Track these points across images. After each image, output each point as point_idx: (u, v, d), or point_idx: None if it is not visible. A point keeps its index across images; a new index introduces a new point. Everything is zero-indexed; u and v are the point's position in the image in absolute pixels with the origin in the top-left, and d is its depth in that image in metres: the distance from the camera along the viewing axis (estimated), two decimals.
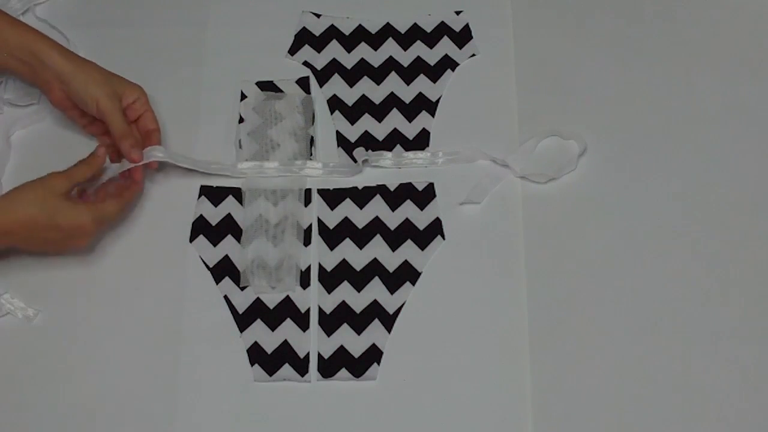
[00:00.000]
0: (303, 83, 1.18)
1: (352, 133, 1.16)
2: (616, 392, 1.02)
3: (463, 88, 1.17)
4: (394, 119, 1.16)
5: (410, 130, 1.15)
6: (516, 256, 1.08)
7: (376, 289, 1.07)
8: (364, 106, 1.17)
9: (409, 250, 1.09)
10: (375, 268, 1.08)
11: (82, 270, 1.08)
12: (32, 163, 1.14)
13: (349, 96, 1.18)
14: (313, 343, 1.06)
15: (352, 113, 1.17)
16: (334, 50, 1.20)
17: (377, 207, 1.11)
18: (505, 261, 1.08)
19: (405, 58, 1.19)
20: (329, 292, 1.08)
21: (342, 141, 1.15)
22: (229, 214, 1.11)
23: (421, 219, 1.11)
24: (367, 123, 1.16)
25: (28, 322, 1.07)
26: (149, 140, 1.11)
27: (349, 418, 1.02)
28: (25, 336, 1.06)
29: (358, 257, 1.09)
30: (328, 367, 1.04)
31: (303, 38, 1.21)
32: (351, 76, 1.19)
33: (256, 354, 1.05)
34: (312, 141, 1.15)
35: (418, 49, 1.20)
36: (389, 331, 1.05)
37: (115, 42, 1.14)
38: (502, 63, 1.18)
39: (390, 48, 1.20)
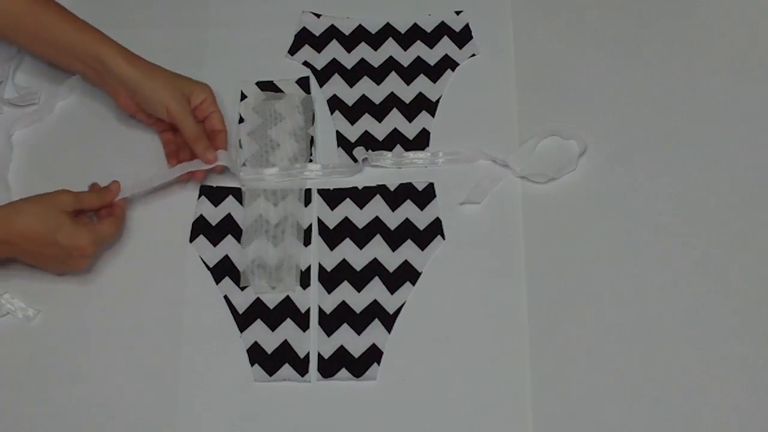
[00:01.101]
0: (303, 83, 1.18)
1: (352, 133, 1.16)
2: (616, 392, 1.02)
3: (463, 88, 1.17)
4: (394, 119, 1.16)
5: (410, 130, 1.15)
6: (516, 256, 1.08)
7: (376, 289, 1.07)
8: (364, 106, 1.17)
9: (409, 250, 1.09)
10: (375, 268, 1.08)
11: (82, 270, 1.08)
12: (35, 162, 1.14)
13: (349, 96, 1.18)
14: (313, 343, 1.06)
15: (352, 113, 1.17)
16: (334, 50, 1.20)
17: (377, 207, 1.11)
18: (505, 261, 1.08)
19: (405, 58, 1.19)
20: (329, 292, 1.08)
21: (342, 141, 1.15)
22: (229, 214, 1.11)
23: (421, 219, 1.10)
24: (367, 123, 1.16)
25: (28, 322, 1.07)
26: (214, 141, 1.11)
27: (349, 418, 1.02)
28: (25, 336, 1.06)
29: (358, 257, 1.09)
30: (328, 367, 1.04)
31: (303, 38, 1.21)
32: (351, 76, 1.19)
33: (256, 354, 1.05)
34: (312, 141, 1.15)
35: (418, 49, 1.20)
36: (389, 331, 1.05)
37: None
38: (502, 63, 1.18)
39: (390, 48, 1.20)
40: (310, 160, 1.14)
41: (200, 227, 1.11)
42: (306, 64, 1.20)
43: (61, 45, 1.10)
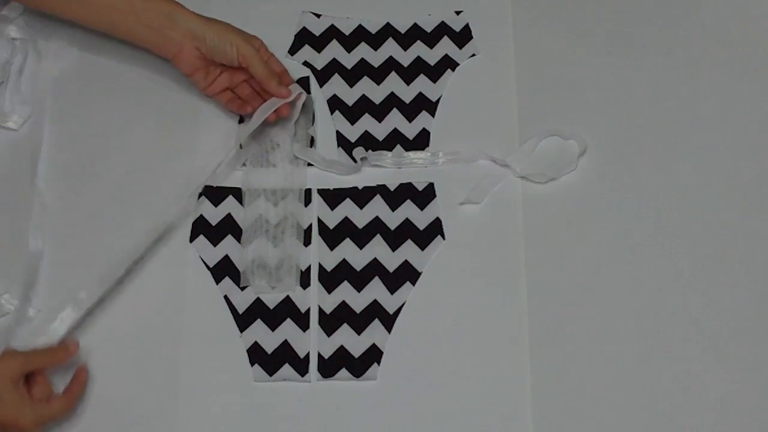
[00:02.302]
0: (303, 83, 1.18)
1: (352, 133, 1.16)
2: (616, 392, 1.02)
3: (463, 88, 1.17)
4: (394, 119, 1.16)
5: (410, 130, 1.15)
6: (516, 256, 1.08)
7: (376, 289, 1.07)
8: (364, 106, 1.17)
9: (409, 250, 1.09)
10: (375, 268, 1.08)
11: (81, 269, 1.08)
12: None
13: (349, 96, 1.18)
14: (313, 343, 1.06)
15: (352, 113, 1.17)
16: (334, 50, 1.20)
17: (377, 207, 1.11)
18: (505, 261, 1.08)
19: (405, 58, 1.19)
20: (329, 292, 1.08)
21: (342, 141, 1.15)
22: (229, 214, 1.11)
23: (421, 219, 1.11)
24: (367, 123, 1.16)
25: (28, 323, 1.06)
26: (282, 81, 1.12)
27: (349, 418, 1.02)
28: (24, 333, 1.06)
29: (358, 257, 1.09)
30: (328, 367, 1.04)
31: (303, 38, 1.21)
32: (351, 76, 1.19)
33: (256, 354, 1.05)
34: (312, 141, 1.15)
35: (418, 49, 1.20)
36: (389, 331, 1.05)
37: (116, 41, 1.14)
38: (502, 63, 1.18)
39: (390, 48, 1.20)
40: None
41: (200, 227, 1.11)
42: (306, 64, 1.20)
43: (121, 6, 1.09)
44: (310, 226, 1.11)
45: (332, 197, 1.12)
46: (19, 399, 0.96)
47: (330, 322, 1.06)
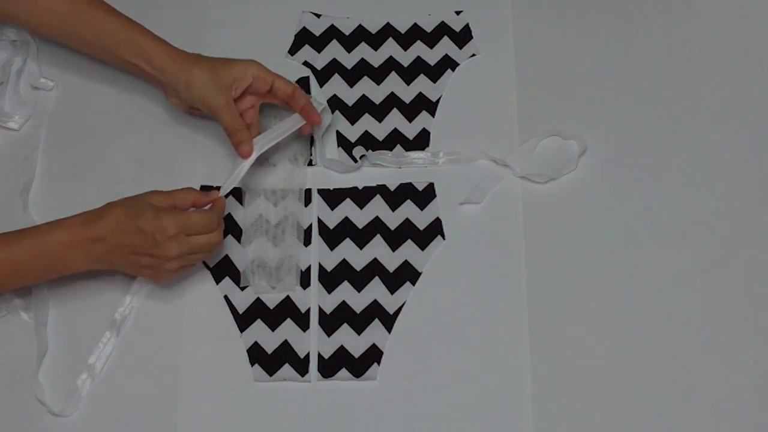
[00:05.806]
0: (303, 83, 1.18)
1: (352, 133, 1.16)
2: (616, 392, 1.02)
3: (463, 88, 1.17)
4: (394, 119, 1.16)
5: (410, 130, 1.15)
6: (516, 256, 1.08)
7: (376, 289, 1.07)
8: (364, 106, 1.17)
9: (409, 250, 1.09)
10: (375, 268, 1.08)
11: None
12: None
13: (349, 96, 1.18)
14: (313, 343, 1.06)
15: (352, 113, 1.17)
16: (334, 50, 1.20)
17: (377, 207, 1.11)
18: (505, 261, 1.08)
19: (405, 58, 1.19)
20: (329, 292, 1.08)
21: (342, 141, 1.15)
22: (229, 214, 1.11)
23: (421, 219, 1.11)
24: (367, 123, 1.16)
25: (28, 322, 1.07)
26: (295, 103, 1.10)
27: (349, 418, 1.02)
28: (25, 336, 1.06)
29: (358, 257, 1.09)
30: (328, 367, 1.04)
31: (303, 38, 1.21)
32: (351, 76, 1.19)
33: (256, 354, 1.05)
34: (312, 141, 1.15)
35: (418, 49, 1.20)
36: (389, 331, 1.05)
37: None
38: (502, 63, 1.18)
39: (390, 48, 1.20)
40: (311, 161, 1.14)
41: None
42: (306, 64, 1.20)
43: (107, 47, 1.09)
44: (310, 226, 1.11)
45: (332, 197, 1.12)
46: (159, 211, 0.99)
47: (330, 322, 1.06)
